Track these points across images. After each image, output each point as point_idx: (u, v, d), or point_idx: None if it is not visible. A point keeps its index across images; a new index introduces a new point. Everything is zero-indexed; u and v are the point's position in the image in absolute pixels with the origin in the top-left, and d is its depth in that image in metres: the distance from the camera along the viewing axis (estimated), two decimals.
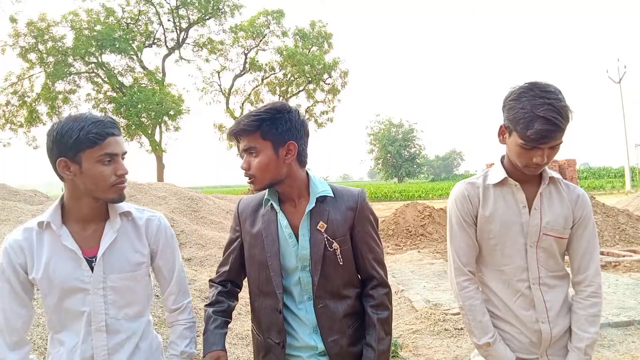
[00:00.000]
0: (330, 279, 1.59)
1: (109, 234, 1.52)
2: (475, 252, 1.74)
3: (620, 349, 4.11)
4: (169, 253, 1.66)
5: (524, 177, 1.66)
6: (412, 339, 4.54)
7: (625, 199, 17.15)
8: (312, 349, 1.61)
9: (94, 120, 1.45)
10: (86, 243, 1.51)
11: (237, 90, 32.65)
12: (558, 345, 1.71)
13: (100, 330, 1.49)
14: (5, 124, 26.66)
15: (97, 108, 28.18)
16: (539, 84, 1.53)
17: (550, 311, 1.67)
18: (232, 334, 4.48)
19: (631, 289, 5.91)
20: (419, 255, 9.53)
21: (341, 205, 1.62)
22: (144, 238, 1.60)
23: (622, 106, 31.03)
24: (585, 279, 1.69)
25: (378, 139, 68.27)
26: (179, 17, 29.68)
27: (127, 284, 1.53)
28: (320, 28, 31.98)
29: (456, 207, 1.74)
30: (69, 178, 1.47)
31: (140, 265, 1.57)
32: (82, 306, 1.49)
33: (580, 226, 1.68)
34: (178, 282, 1.68)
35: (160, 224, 1.64)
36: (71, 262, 1.48)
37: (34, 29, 25.45)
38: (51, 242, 1.49)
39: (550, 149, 1.54)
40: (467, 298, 1.71)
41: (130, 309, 1.56)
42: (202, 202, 13.30)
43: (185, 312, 1.70)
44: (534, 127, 1.47)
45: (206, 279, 6.08)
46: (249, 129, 1.53)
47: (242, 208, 1.71)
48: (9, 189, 12.69)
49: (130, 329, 1.55)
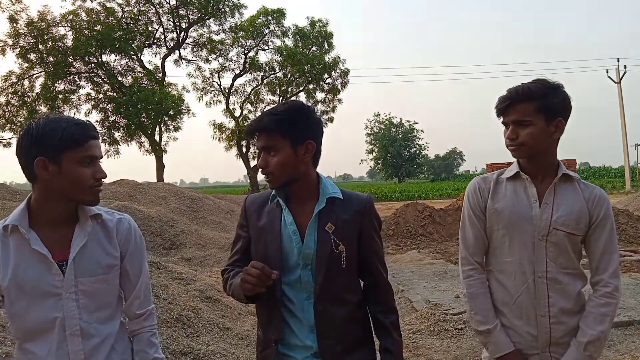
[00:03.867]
0: (332, 280, 1.59)
1: (80, 237, 1.48)
2: (483, 243, 1.80)
3: (621, 348, 4.12)
4: (138, 256, 1.63)
5: (537, 173, 1.73)
6: (413, 339, 4.54)
7: (625, 199, 17.17)
8: (307, 349, 1.60)
9: (76, 122, 1.44)
10: (55, 247, 1.46)
11: (237, 90, 32.64)
12: (564, 344, 1.70)
13: (75, 335, 1.46)
14: (5, 124, 26.62)
15: (97, 108, 28.19)
16: (540, 77, 1.70)
17: (553, 307, 1.68)
18: (232, 334, 4.48)
19: (631, 289, 5.92)
20: (419, 255, 9.53)
21: (350, 208, 1.62)
22: (115, 240, 1.57)
23: (622, 106, 31.04)
24: (601, 280, 1.69)
25: (378, 139, 68.20)
26: (178, 17, 29.64)
27: (98, 287, 1.50)
28: (320, 28, 31.93)
29: (468, 200, 1.82)
30: (45, 178, 1.42)
31: (112, 267, 1.54)
32: (54, 312, 1.44)
33: (599, 226, 1.69)
34: (144, 286, 1.64)
35: (130, 227, 1.62)
36: (41, 266, 1.43)
37: (34, 29, 25.43)
38: (18, 246, 1.43)
39: (518, 126, 1.66)
40: (471, 286, 1.78)
41: (102, 312, 1.53)
42: (202, 202, 13.30)
43: (150, 319, 1.65)
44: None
45: (206, 279, 6.08)
46: (269, 127, 1.54)
47: (249, 204, 1.73)
48: (8, 188, 12.69)
49: (104, 332, 1.52)
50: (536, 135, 1.65)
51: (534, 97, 1.63)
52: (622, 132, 31.40)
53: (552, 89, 1.66)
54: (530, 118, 1.64)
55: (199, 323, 4.40)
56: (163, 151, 28.84)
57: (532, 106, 1.63)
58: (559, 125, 1.67)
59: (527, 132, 1.65)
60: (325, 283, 1.58)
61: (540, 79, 1.69)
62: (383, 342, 1.65)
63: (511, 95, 1.66)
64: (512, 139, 1.68)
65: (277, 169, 1.55)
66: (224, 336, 4.39)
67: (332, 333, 1.58)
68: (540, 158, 1.71)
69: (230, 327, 4.62)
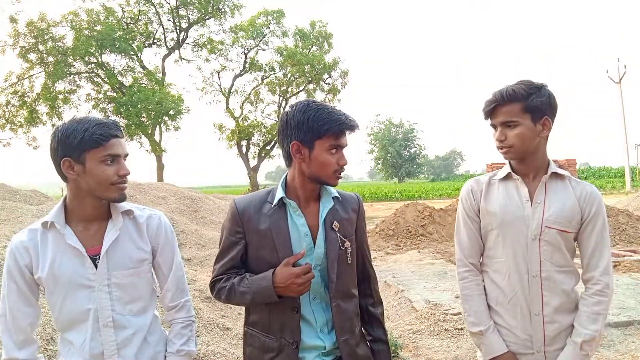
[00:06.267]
0: (342, 278, 1.63)
1: (112, 232, 1.57)
2: (478, 245, 1.83)
3: (620, 349, 4.12)
4: (169, 250, 1.69)
5: (528, 173, 1.76)
6: (412, 339, 4.54)
7: (625, 199, 17.17)
8: (317, 349, 1.62)
9: (98, 122, 1.51)
10: (89, 242, 1.56)
11: (237, 90, 32.65)
12: (558, 343, 1.71)
13: (107, 326, 1.54)
14: (5, 124, 26.63)
15: (97, 108, 28.18)
16: (523, 79, 1.74)
17: (547, 306, 1.70)
18: (232, 334, 4.48)
19: (631, 289, 5.91)
20: (419, 256, 9.52)
21: (347, 206, 1.69)
22: (145, 235, 1.64)
23: (622, 106, 31.03)
24: (593, 277, 1.71)
25: (378, 139, 68.19)
26: (178, 17, 29.67)
27: (130, 280, 1.58)
28: (320, 28, 31.97)
29: (462, 202, 1.87)
30: (73, 178, 1.51)
31: (143, 262, 1.61)
32: (88, 303, 1.53)
33: (590, 223, 1.71)
34: (176, 279, 1.69)
35: (160, 222, 1.68)
36: (76, 260, 1.53)
37: (34, 29, 25.43)
38: (55, 241, 1.53)
39: (506, 127, 1.69)
40: (466, 288, 1.82)
41: (134, 305, 1.60)
42: (202, 202, 13.30)
43: (183, 311, 1.70)
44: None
45: (206, 279, 6.07)
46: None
47: (242, 208, 1.62)
48: (8, 189, 12.69)
49: (136, 324, 1.59)
50: (524, 135, 1.68)
51: (518, 98, 1.67)
52: (622, 132, 31.39)
53: (536, 88, 1.69)
54: (517, 119, 1.67)
55: (199, 323, 4.40)
56: (163, 151, 28.85)
57: (518, 107, 1.67)
58: (546, 123, 1.70)
59: (515, 132, 1.68)
60: (338, 281, 1.61)
61: (524, 80, 1.72)
62: (375, 332, 1.73)
63: (496, 97, 1.69)
64: (501, 141, 1.71)
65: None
66: (224, 336, 4.39)
67: (346, 328, 1.63)
68: (530, 158, 1.74)
69: (230, 327, 4.62)
